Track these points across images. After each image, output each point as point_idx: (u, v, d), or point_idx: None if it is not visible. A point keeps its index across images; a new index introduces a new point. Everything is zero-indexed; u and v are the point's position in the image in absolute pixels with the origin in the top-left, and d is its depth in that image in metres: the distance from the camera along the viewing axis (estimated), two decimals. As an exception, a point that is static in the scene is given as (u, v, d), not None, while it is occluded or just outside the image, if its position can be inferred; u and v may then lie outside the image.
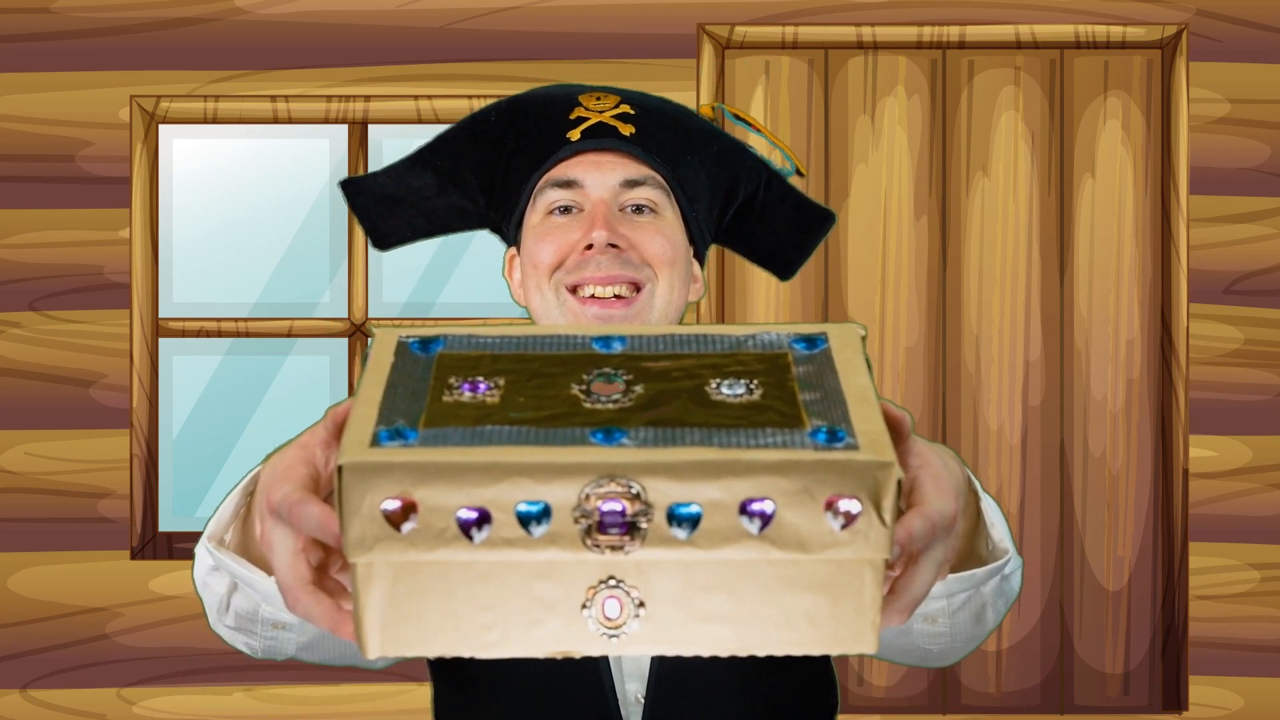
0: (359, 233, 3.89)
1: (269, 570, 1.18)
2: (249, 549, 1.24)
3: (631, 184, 1.64)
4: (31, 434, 3.83)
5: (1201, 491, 3.83)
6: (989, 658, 3.90)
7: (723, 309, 3.87)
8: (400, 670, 3.72)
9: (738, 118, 1.87)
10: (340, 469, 0.83)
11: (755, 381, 0.92)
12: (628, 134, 1.64)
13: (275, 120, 3.83)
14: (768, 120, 3.85)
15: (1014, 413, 3.89)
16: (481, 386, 0.91)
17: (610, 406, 0.89)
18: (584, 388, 0.91)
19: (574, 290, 1.61)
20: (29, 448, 3.83)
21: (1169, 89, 3.85)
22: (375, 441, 0.85)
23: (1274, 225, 3.84)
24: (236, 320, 3.90)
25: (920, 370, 3.90)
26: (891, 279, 3.89)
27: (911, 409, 3.89)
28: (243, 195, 3.99)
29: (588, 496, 0.84)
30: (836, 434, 0.87)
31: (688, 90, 3.77)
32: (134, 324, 3.82)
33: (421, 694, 3.80)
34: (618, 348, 0.96)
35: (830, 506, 0.84)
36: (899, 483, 0.85)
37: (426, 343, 0.96)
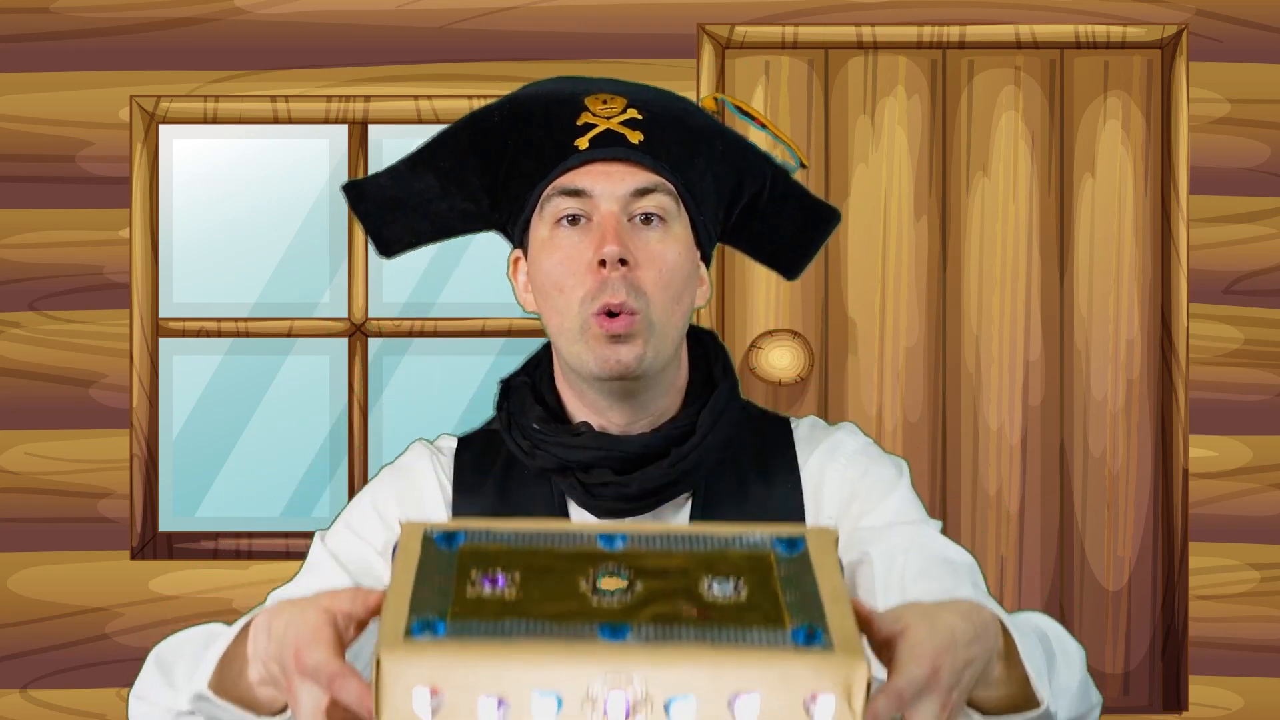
0: (359, 233, 3.88)
1: (260, 710, 1.31)
2: (229, 689, 1.33)
3: (641, 193, 1.64)
4: (31, 434, 3.83)
5: (1201, 491, 3.83)
6: (989, 658, 3.90)
7: (723, 310, 3.87)
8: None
9: (740, 110, 1.87)
10: (379, 660, 0.96)
11: (742, 580, 1.06)
12: (636, 141, 1.64)
13: (275, 120, 3.83)
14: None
15: (1014, 413, 3.89)
16: (500, 580, 1.04)
17: (614, 604, 1.02)
18: (591, 584, 1.04)
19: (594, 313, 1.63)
20: (29, 448, 3.83)
21: (1169, 89, 3.85)
22: (409, 633, 0.98)
23: (1274, 225, 3.84)
24: (236, 320, 3.90)
25: (920, 370, 3.90)
26: (891, 279, 3.89)
27: (911, 409, 3.89)
28: (243, 195, 3.99)
29: (595, 688, 0.95)
30: (815, 633, 0.99)
31: (688, 91, 3.76)
32: (134, 324, 3.82)
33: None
34: (619, 545, 1.09)
35: (809, 700, 0.97)
36: (869, 679, 0.98)
37: (449, 536, 1.10)
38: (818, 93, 3.88)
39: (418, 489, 1.73)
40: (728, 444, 1.70)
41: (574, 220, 1.64)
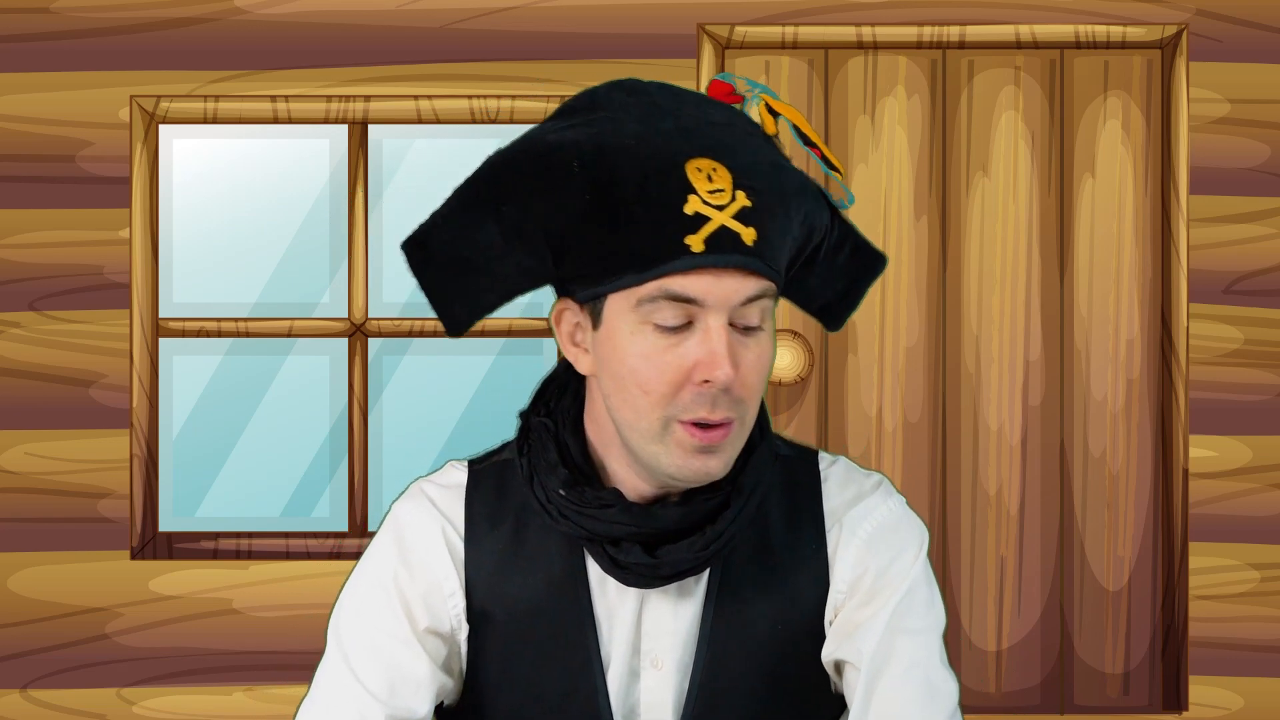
0: (359, 233, 3.89)
1: None
2: None
3: (751, 300, 1.52)
4: (31, 434, 3.83)
5: (1201, 491, 3.83)
6: (989, 658, 3.91)
7: (723, 309, 3.87)
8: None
9: (799, 132, 1.67)
10: None
11: None
12: (751, 243, 1.50)
13: (275, 120, 3.83)
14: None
15: (1014, 413, 3.89)
16: None
17: None
18: None
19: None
20: (29, 448, 3.83)
21: (1169, 89, 3.85)
22: None
23: (1274, 225, 3.84)
24: (236, 320, 3.90)
25: (920, 370, 3.90)
26: (891, 279, 3.89)
27: (911, 409, 3.89)
28: (243, 195, 3.99)
29: None
30: None
31: (688, 90, 3.76)
32: (134, 324, 3.82)
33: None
34: None
35: None
36: None
37: None
38: (818, 93, 3.88)
39: (425, 560, 1.64)
40: (759, 506, 1.62)
41: (676, 329, 1.51)
